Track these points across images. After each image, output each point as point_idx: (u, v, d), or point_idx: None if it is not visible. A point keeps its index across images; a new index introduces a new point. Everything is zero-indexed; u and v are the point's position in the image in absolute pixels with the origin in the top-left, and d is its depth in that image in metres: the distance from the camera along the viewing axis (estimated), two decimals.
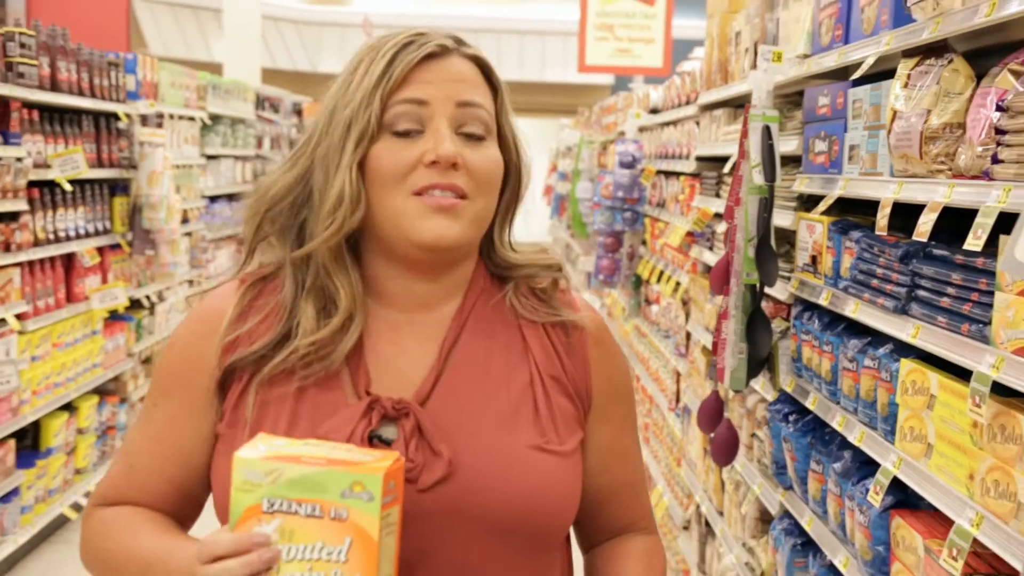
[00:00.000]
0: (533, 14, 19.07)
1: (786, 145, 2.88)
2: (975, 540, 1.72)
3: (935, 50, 2.03)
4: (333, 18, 19.77)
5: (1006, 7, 1.73)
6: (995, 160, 1.72)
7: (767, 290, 2.91)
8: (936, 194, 1.92)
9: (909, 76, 2.05)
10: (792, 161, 2.93)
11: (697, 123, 4.29)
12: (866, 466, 2.30)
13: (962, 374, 1.84)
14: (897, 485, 2.09)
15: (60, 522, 5.29)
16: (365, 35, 16.30)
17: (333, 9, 19.85)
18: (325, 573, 1.12)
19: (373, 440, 1.27)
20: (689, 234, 4.21)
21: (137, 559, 1.30)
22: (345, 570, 1.11)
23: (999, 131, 1.70)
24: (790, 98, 3.13)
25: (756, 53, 3.13)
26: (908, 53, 2.11)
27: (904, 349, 2.13)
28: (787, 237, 2.96)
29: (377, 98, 1.28)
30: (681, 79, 4.80)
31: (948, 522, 1.84)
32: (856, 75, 2.34)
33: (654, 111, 5.75)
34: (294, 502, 1.13)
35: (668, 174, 5.14)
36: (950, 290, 1.89)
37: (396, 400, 1.29)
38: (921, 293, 2.01)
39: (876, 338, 2.29)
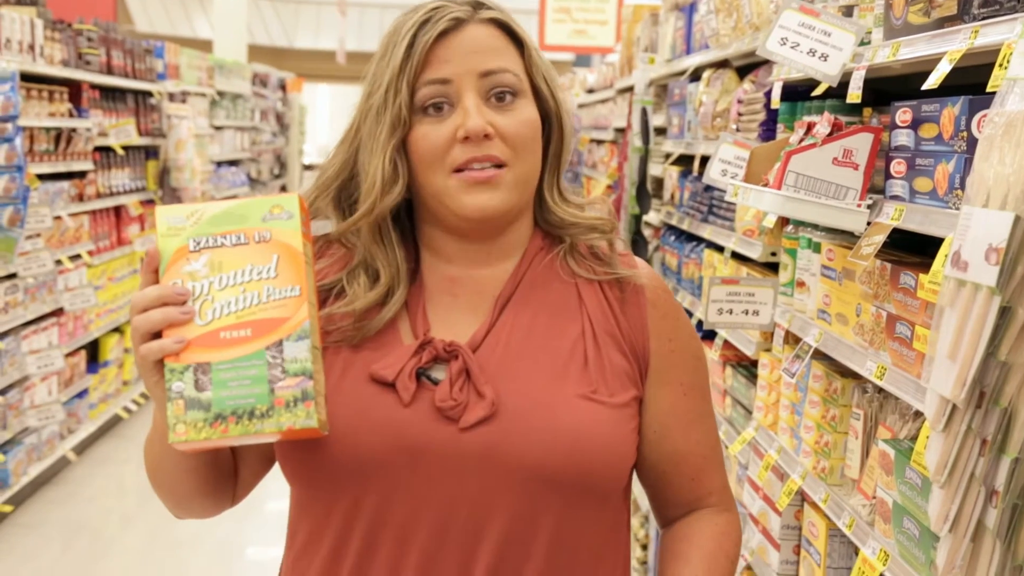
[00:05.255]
0: None
1: (659, 120, 4.25)
2: (725, 341, 3.11)
3: (722, 64, 3.40)
4: None
5: (749, 45, 3.09)
6: (737, 130, 3.09)
7: (646, 218, 4.29)
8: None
9: (709, 80, 3.42)
10: (662, 131, 4.30)
11: (615, 102, 5.66)
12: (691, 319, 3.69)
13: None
14: (699, 326, 3.48)
15: (115, 420, 6.62)
16: (339, 14, 17.48)
17: None
18: (258, 290, 1.18)
19: (421, 377, 1.30)
20: (608, 186, 5.58)
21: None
22: (276, 283, 1.18)
23: (739, 114, 3.07)
24: (665, 87, 4.50)
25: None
26: (709, 66, 3.48)
27: (708, 244, 3.52)
28: (660, 183, 4.34)
29: (404, 84, 1.31)
30: (607, 67, 6.16)
31: (723, 341, 3.24)
32: (684, 77, 3.72)
33: (590, 91, 7.11)
34: (218, 236, 1.19)
35: (598, 142, 6.51)
36: (722, 206, 3.27)
37: (447, 343, 1.31)
38: (713, 209, 3.39)
39: (697, 240, 3.68)
